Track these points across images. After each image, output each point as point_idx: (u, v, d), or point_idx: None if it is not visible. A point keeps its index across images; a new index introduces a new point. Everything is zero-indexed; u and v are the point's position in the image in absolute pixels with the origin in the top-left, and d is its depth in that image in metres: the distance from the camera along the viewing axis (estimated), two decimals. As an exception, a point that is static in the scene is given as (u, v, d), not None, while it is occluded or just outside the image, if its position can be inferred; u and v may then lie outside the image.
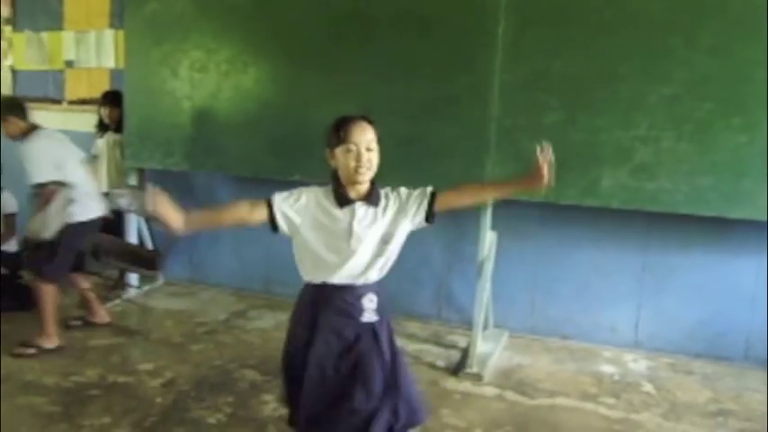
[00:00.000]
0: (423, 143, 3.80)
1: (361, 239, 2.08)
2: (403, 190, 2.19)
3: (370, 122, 2.10)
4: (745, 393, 3.56)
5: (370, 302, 2.13)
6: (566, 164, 3.53)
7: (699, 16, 3.32)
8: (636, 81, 3.42)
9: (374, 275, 2.14)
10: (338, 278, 2.10)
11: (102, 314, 4.23)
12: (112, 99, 4.71)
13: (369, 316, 2.13)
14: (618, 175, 3.49)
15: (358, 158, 2.03)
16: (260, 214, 2.10)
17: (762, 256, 3.82)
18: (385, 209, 2.14)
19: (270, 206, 2.10)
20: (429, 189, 2.17)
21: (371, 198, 2.11)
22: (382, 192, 2.16)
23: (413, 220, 2.16)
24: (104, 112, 4.72)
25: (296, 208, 2.10)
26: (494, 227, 3.84)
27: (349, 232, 2.08)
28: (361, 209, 2.10)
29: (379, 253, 2.12)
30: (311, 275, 2.14)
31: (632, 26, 3.41)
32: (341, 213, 2.09)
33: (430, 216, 2.15)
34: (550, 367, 3.83)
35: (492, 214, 3.78)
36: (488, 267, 3.81)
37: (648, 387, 3.59)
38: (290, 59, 4.12)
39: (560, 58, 3.53)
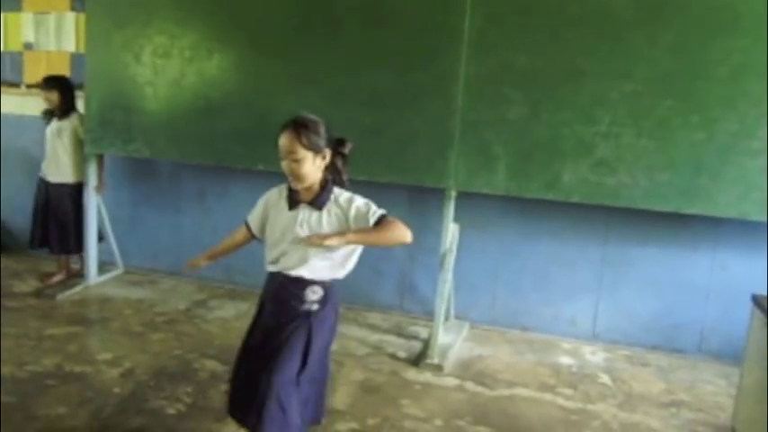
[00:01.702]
0: (387, 134, 3.80)
1: (296, 239, 2.18)
2: (356, 204, 2.19)
3: (302, 128, 2.12)
4: (698, 385, 3.65)
5: (313, 294, 2.23)
6: (529, 157, 3.61)
7: (661, 14, 3.36)
8: (598, 77, 3.46)
9: (320, 273, 2.22)
10: (283, 269, 2.23)
11: None
12: (51, 83, 4.50)
13: (309, 305, 2.23)
14: (579, 169, 3.54)
15: (284, 167, 2.16)
16: (246, 235, 2.43)
17: (716, 251, 3.92)
18: (330, 214, 2.19)
19: (246, 223, 2.41)
20: (375, 216, 2.15)
21: (316, 202, 2.19)
22: (334, 195, 2.21)
23: None
24: (46, 97, 4.51)
25: (261, 216, 2.36)
26: (456, 219, 3.86)
27: (290, 232, 2.20)
28: (304, 211, 2.21)
29: (320, 255, 2.19)
30: (267, 264, 2.32)
31: (596, 22, 3.45)
32: (289, 214, 2.23)
33: None
34: (510, 358, 3.88)
35: (455, 206, 3.80)
36: (450, 259, 3.84)
37: (605, 378, 3.66)
38: (255, 48, 4.08)
39: (525, 52, 3.55)
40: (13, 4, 5.24)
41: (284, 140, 2.13)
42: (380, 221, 2.13)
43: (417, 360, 3.73)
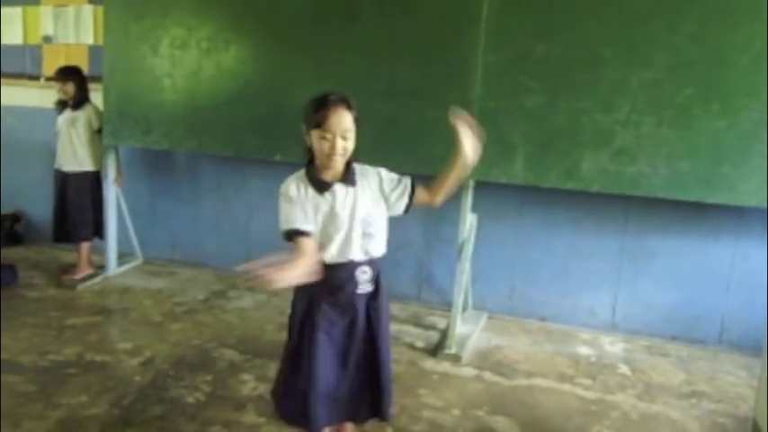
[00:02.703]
0: (404, 124, 3.79)
1: (344, 221, 2.12)
2: (384, 174, 2.21)
3: (349, 106, 2.07)
4: (719, 376, 3.62)
5: (363, 274, 2.18)
6: (547, 147, 3.58)
7: (681, 1, 3.32)
8: (618, 65, 3.43)
9: (362, 254, 2.17)
10: (331, 257, 2.14)
11: None
12: (67, 74, 4.51)
13: (363, 287, 2.19)
14: (598, 158, 3.50)
15: (332, 147, 2.04)
16: (310, 243, 2.05)
17: (738, 241, 3.88)
18: (364, 189, 2.16)
19: (301, 233, 2.05)
20: (409, 182, 2.20)
21: (348, 178, 2.13)
22: (358, 169, 2.17)
23: (391, 208, 2.21)
24: (60, 88, 4.51)
25: (306, 212, 2.10)
26: (474, 209, 3.85)
27: (333, 215, 2.12)
28: (341, 191, 2.13)
29: (363, 233, 2.15)
30: None
31: (615, 10, 3.41)
32: (322, 198, 2.12)
33: (407, 208, 2.22)
34: (528, 349, 3.86)
35: (473, 196, 3.79)
36: (468, 249, 3.82)
37: (624, 369, 3.64)
38: (272, 38, 4.08)
39: (543, 40, 3.52)
40: (32, -2, 5.29)
41: (340, 117, 2.02)
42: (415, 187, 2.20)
43: (435, 350, 3.72)
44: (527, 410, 3.10)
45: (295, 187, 2.13)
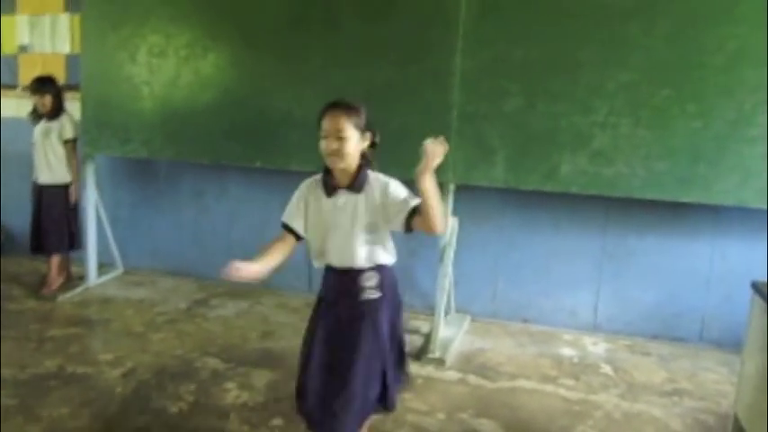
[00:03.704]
0: (384, 129, 3.72)
1: (345, 227, 2.16)
2: (392, 186, 2.19)
3: (348, 108, 2.12)
4: (700, 373, 3.65)
5: (368, 281, 2.20)
6: (526, 149, 3.60)
7: (656, 3, 3.36)
8: (595, 68, 3.46)
9: (366, 261, 2.19)
10: (334, 262, 2.21)
11: None
12: (44, 85, 4.45)
13: (369, 293, 2.20)
14: (577, 160, 3.53)
15: (327, 147, 2.11)
16: (289, 240, 2.26)
17: (716, 239, 3.92)
18: (368, 198, 2.17)
19: (286, 227, 2.25)
20: (414, 203, 2.13)
21: (354, 185, 2.16)
22: (372, 177, 2.19)
23: (390, 221, 2.19)
24: (35, 99, 4.45)
25: (299, 212, 2.25)
26: (455, 212, 3.86)
27: (335, 220, 2.18)
28: (342, 197, 2.17)
29: (365, 240, 2.18)
30: (313, 259, 2.30)
31: (591, 13, 3.44)
32: (328, 201, 2.19)
33: (408, 229, 2.17)
34: (511, 351, 3.88)
35: (453, 200, 3.80)
36: (450, 253, 3.83)
37: (607, 369, 3.66)
38: (250, 45, 4.07)
39: (520, 44, 3.55)
40: (8, 6, 5.23)
41: (332, 118, 2.11)
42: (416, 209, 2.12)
43: (419, 354, 3.72)
44: (511, 412, 3.11)
45: (306, 186, 2.26)
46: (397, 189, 2.19)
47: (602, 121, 3.47)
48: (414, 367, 3.57)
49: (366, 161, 2.22)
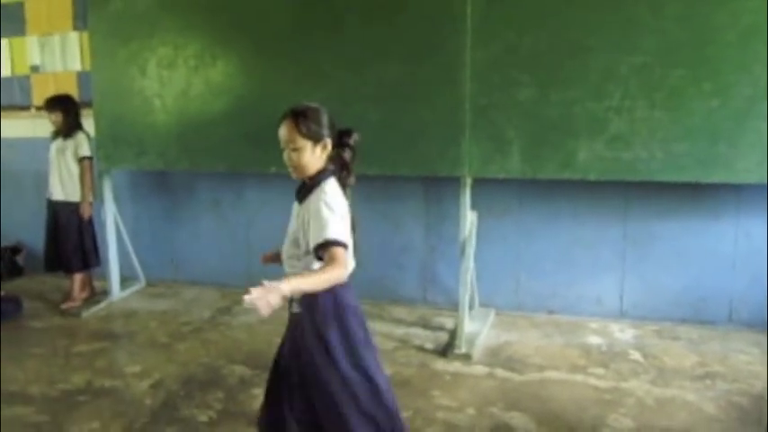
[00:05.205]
0: (398, 127, 3.78)
1: (287, 235, 2.12)
2: (317, 204, 1.96)
3: (295, 117, 1.99)
4: (731, 355, 3.60)
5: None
6: (542, 138, 3.57)
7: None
8: (606, 52, 3.42)
9: (291, 271, 2.08)
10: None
11: None
12: (54, 104, 4.46)
13: (294, 307, 2.12)
14: (594, 146, 3.49)
15: (286, 158, 2.05)
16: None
17: (739, 219, 3.86)
18: (303, 210, 2.04)
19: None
20: (320, 239, 1.90)
21: (300, 194, 2.09)
22: (320, 188, 2.01)
23: (306, 237, 2.01)
24: (51, 119, 4.47)
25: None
26: (474, 206, 3.84)
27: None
28: (295, 205, 2.12)
29: (291, 254, 2.09)
30: None
31: (599, -3, 3.41)
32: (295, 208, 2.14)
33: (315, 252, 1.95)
34: (538, 342, 3.85)
35: (471, 194, 3.77)
36: (470, 247, 3.81)
37: (636, 355, 3.62)
38: (259, 51, 4.08)
39: (529, 33, 3.52)
40: (17, 28, 5.28)
41: (283, 129, 2.01)
42: (321, 248, 1.89)
43: (445, 350, 3.71)
44: (542, 404, 3.08)
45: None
46: (322, 210, 1.94)
47: (616, 105, 3.43)
48: (441, 364, 3.57)
49: (327, 170, 2.05)
